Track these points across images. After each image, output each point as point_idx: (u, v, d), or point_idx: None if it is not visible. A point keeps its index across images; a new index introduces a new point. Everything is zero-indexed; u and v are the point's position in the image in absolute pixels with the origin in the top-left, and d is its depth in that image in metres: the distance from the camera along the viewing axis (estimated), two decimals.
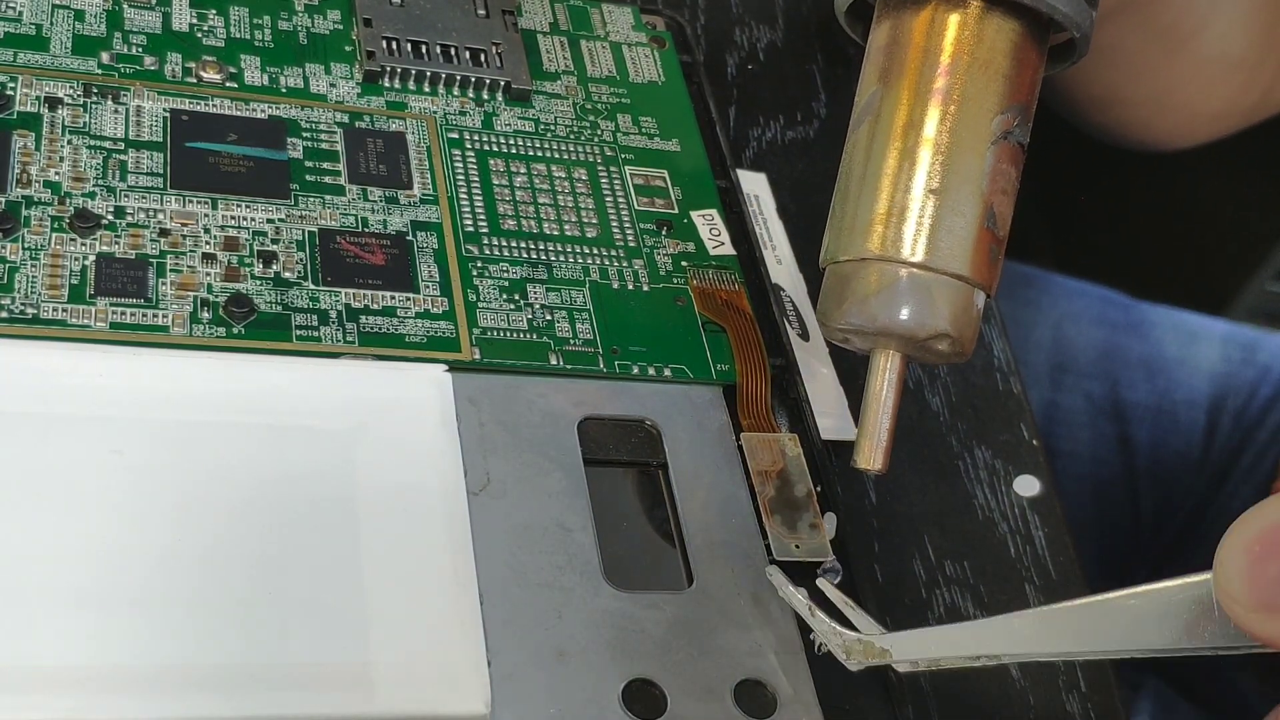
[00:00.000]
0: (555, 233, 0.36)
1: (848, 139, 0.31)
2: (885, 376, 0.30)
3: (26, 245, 0.31)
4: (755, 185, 0.40)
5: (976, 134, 0.29)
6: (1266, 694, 0.51)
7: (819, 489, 0.33)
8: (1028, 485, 0.38)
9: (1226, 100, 0.53)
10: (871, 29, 0.31)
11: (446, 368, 0.32)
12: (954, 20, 0.29)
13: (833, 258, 0.30)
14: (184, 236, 0.32)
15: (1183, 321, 0.62)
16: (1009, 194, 0.30)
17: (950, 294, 0.29)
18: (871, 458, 0.30)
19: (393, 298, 0.33)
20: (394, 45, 0.38)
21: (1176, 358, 0.60)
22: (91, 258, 0.31)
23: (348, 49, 0.38)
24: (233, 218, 0.33)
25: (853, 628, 0.29)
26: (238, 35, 0.37)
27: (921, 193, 0.29)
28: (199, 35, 0.37)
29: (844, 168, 0.31)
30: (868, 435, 0.30)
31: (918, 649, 0.28)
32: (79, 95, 0.34)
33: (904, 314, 0.29)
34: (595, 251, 0.36)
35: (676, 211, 0.37)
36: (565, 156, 0.38)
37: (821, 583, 0.30)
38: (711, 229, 0.37)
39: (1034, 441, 0.39)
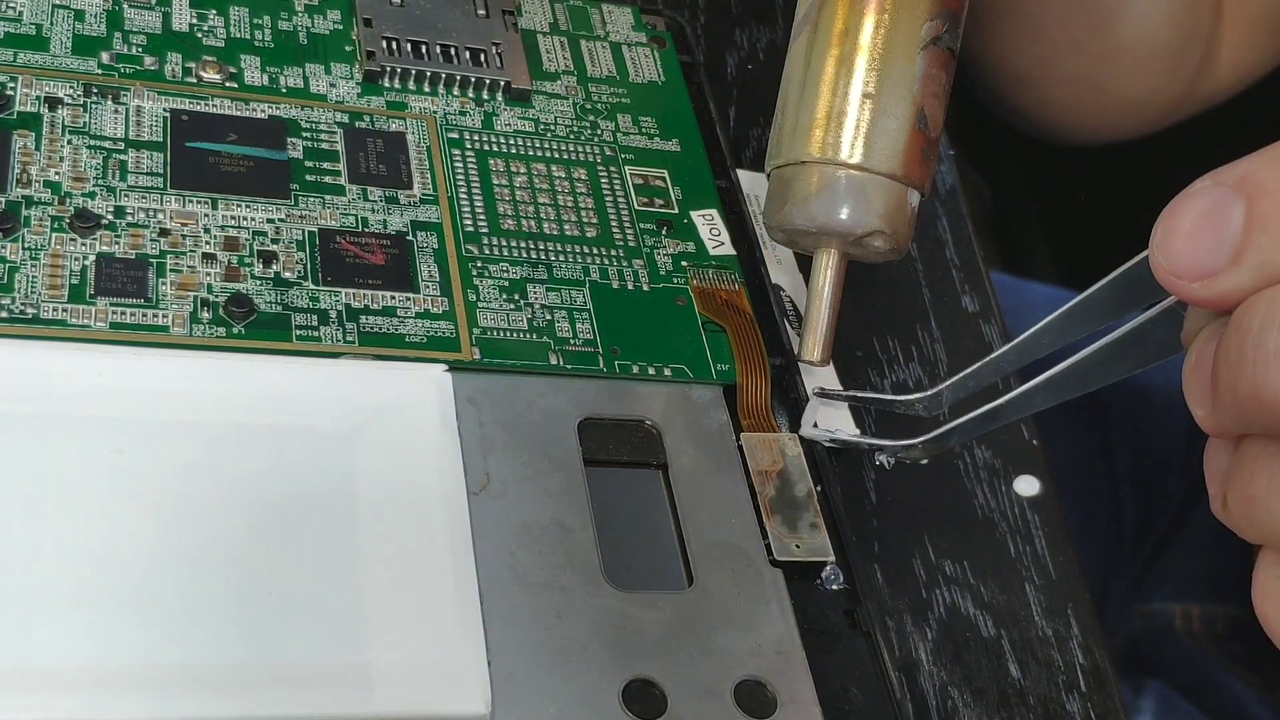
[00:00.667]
0: (555, 233, 0.36)
1: (789, 49, 0.32)
2: (827, 274, 0.32)
3: (27, 245, 0.31)
4: (755, 185, 0.40)
5: (909, 39, 0.31)
6: (1265, 698, 0.51)
7: (819, 489, 0.33)
8: (1027, 485, 0.38)
9: (1150, 88, 0.53)
10: None
11: (446, 367, 0.32)
12: None
13: (775, 163, 0.32)
14: (184, 236, 0.32)
15: None
16: (940, 97, 0.32)
17: (885, 193, 0.31)
18: (814, 350, 0.32)
19: (393, 298, 0.33)
20: (394, 45, 0.38)
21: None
22: (91, 257, 0.31)
23: (348, 49, 0.38)
24: (233, 218, 0.33)
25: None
26: (238, 35, 0.37)
27: (857, 98, 0.31)
28: (199, 35, 0.37)
29: (785, 76, 0.33)
30: (811, 329, 0.32)
31: (963, 435, 0.31)
32: (79, 95, 0.34)
33: (842, 213, 0.31)
34: (595, 251, 0.36)
35: (676, 211, 0.37)
36: (565, 156, 0.38)
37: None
38: (711, 229, 0.37)
39: (1034, 441, 0.39)
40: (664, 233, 0.37)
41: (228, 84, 0.36)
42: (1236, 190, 0.23)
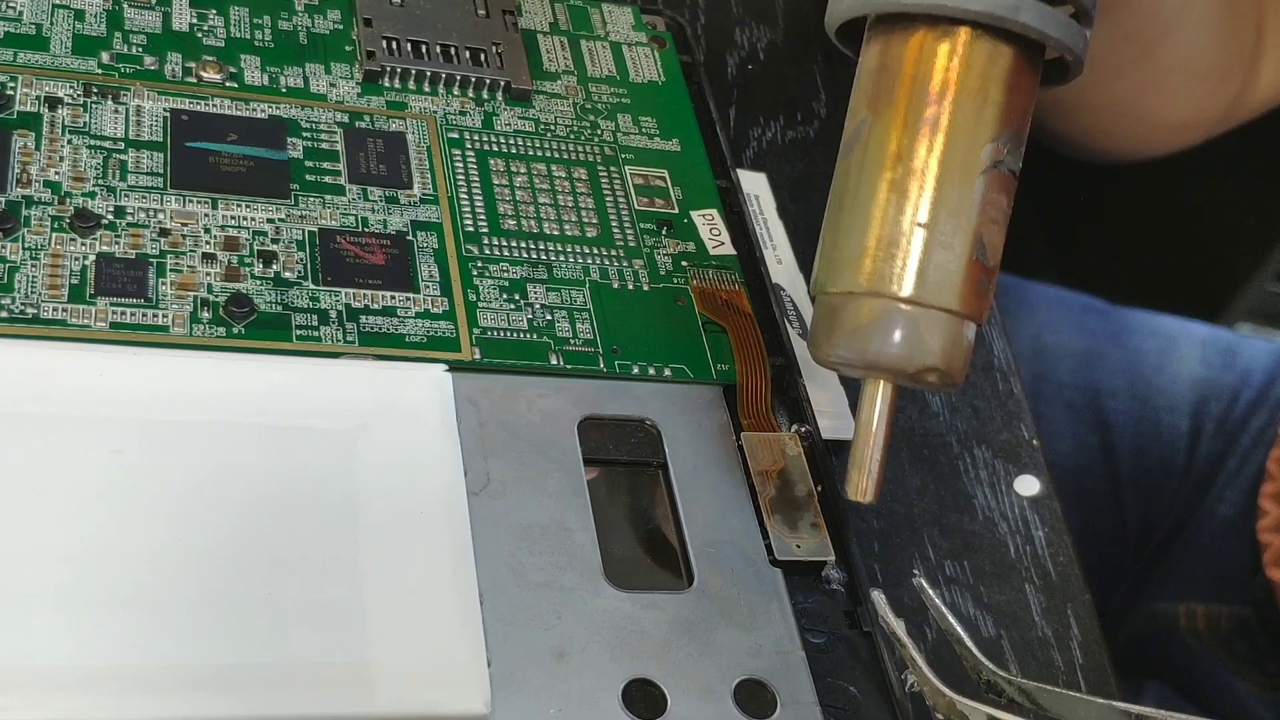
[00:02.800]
0: (555, 232, 0.36)
1: (838, 164, 0.30)
2: (876, 407, 0.29)
3: (27, 245, 0.31)
4: (755, 185, 0.40)
5: (967, 164, 0.29)
6: (1267, 698, 0.51)
7: (819, 489, 0.32)
8: (1028, 485, 0.38)
9: (1191, 111, 0.53)
10: (861, 51, 0.30)
11: (447, 368, 0.32)
12: (943, 49, 0.29)
13: (821, 288, 0.30)
14: (184, 236, 0.32)
15: (1162, 327, 0.61)
16: (1000, 223, 0.29)
17: (939, 328, 0.29)
18: (861, 488, 0.30)
19: (393, 298, 0.33)
20: (394, 45, 0.38)
21: (1156, 365, 0.60)
22: (91, 257, 0.31)
23: (348, 49, 0.38)
24: (233, 217, 0.33)
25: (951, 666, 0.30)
26: (238, 35, 0.37)
27: (909, 226, 0.28)
28: (199, 35, 0.37)
29: (834, 195, 0.30)
30: (857, 465, 0.30)
31: None
32: (79, 95, 0.34)
33: (892, 349, 0.29)
34: (595, 251, 0.36)
35: (677, 211, 0.37)
36: (565, 156, 0.38)
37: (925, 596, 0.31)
38: (712, 229, 0.37)
39: (1034, 442, 0.39)
40: (664, 232, 0.37)
41: (228, 84, 0.36)
42: None
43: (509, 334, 0.33)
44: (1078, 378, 0.59)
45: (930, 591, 0.30)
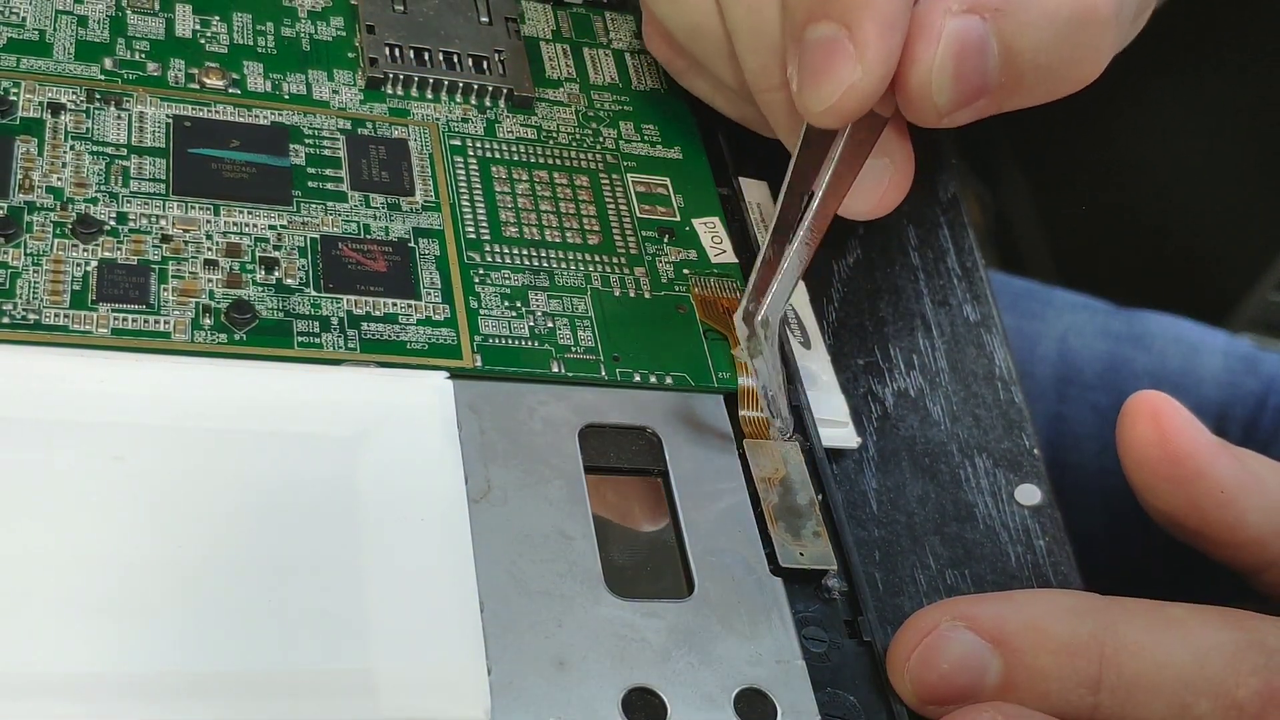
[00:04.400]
0: (557, 240, 0.36)
1: None
2: None
3: (29, 251, 0.31)
4: (757, 193, 0.40)
5: None
6: None
7: (820, 497, 0.32)
8: (1029, 494, 0.38)
9: None
10: None
11: (448, 375, 0.32)
12: None
13: None
14: (186, 243, 0.32)
15: (1185, 333, 0.62)
16: None
17: None
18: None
19: (394, 305, 0.33)
20: (397, 52, 0.38)
21: (1180, 369, 0.60)
22: (93, 263, 0.31)
23: (350, 55, 0.38)
24: (235, 224, 0.33)
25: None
26: (241, 42, 0.37)
27: None
28: (202, 41, 0.37)
29: None
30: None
31: None
32: (82, 101, 0.34)
33: None
34: (597, 259, 0.36)
35: (678, 219, 0.37)
36: (567, 164, 0.38)
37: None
38: (713, 237, 0.37)
39: (1035, 451, 0.39)
40: (666, 240, 0.37)
41: (230, 90, 0.36)
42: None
43: (510, 341, 0.33)
44: (1103, 381, 0.60)
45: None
